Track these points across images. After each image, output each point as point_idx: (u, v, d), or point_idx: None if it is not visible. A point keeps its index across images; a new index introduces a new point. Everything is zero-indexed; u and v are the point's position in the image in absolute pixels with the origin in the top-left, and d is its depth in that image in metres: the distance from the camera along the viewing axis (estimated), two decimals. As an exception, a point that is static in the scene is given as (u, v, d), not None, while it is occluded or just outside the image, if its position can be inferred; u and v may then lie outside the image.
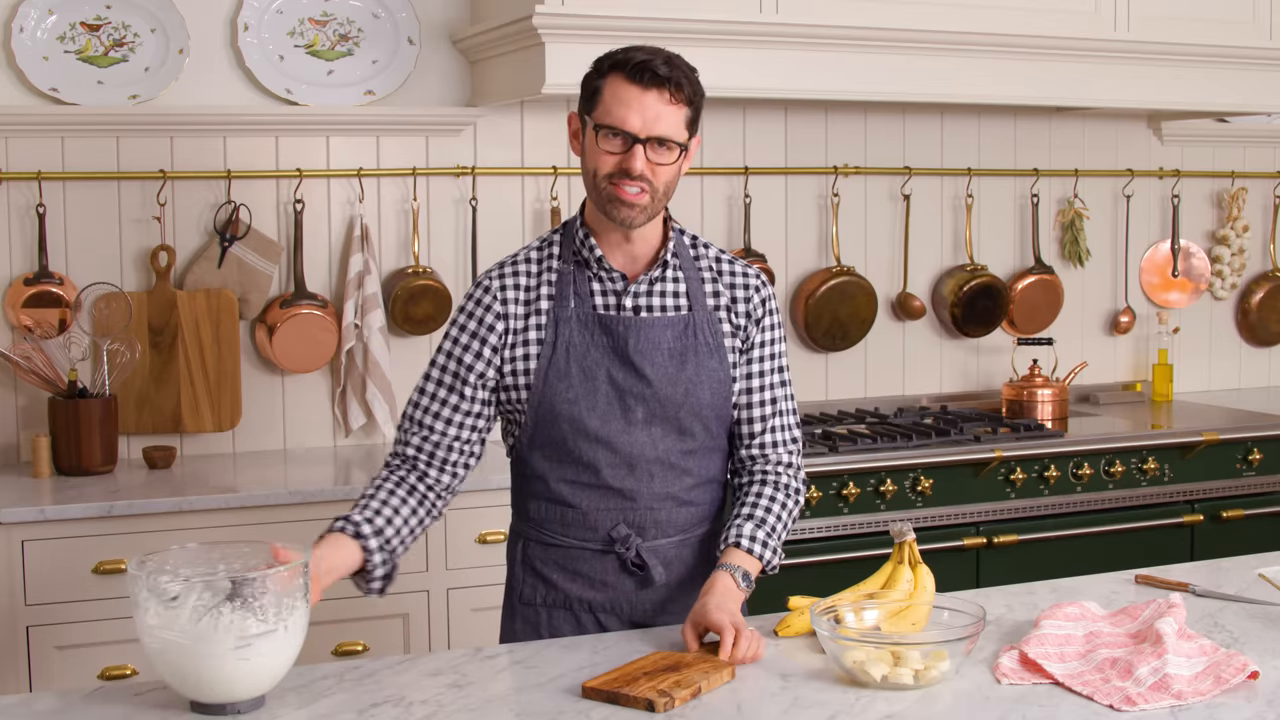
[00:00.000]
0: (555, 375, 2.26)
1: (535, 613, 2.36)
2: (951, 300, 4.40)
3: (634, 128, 2.19)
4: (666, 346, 2.28)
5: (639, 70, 2.19)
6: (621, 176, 2.20)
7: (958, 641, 1.94)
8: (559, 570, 2.34)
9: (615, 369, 2.27)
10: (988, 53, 3.84)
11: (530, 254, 2.36)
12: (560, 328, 2.28)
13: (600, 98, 2.23)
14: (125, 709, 1.86)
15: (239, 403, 3.70)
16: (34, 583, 3.10)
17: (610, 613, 2.34)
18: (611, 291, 2.30)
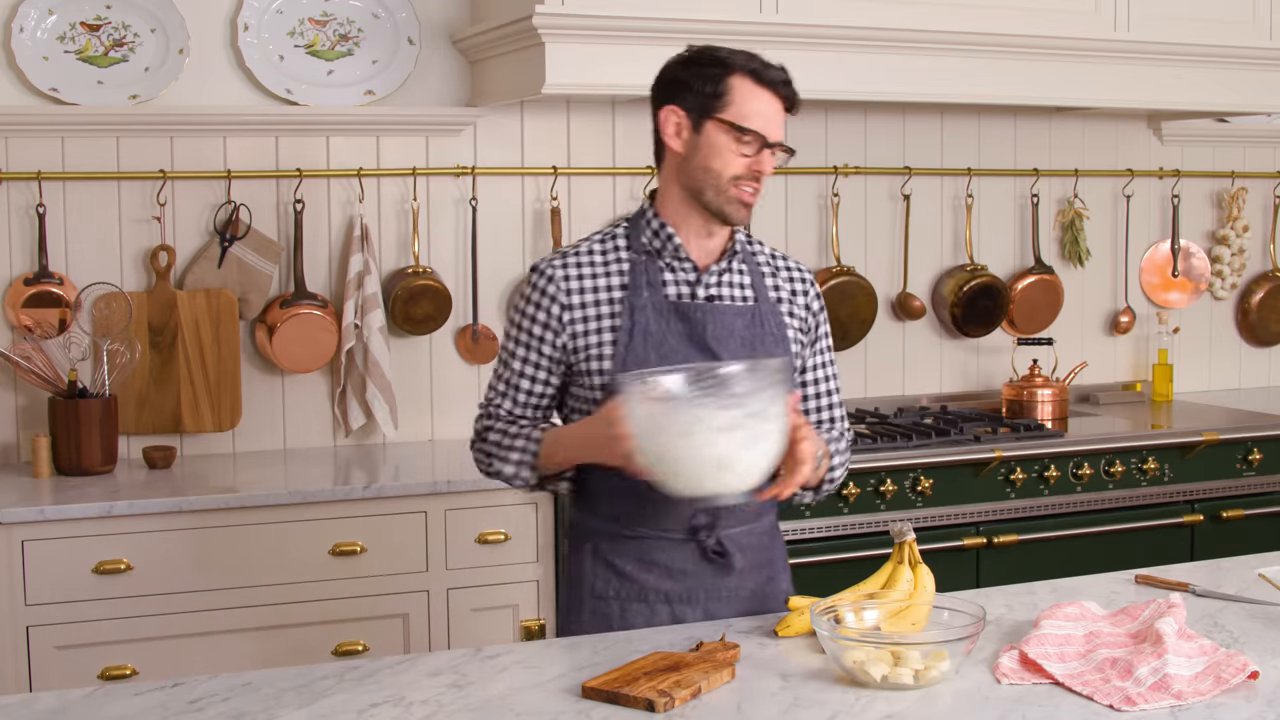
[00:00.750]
0: (634, 362, 2.30)
1: (608, 605, 2.38)
2: (951, 300, 4.40)
3: (770, 133, 2.29)
4: (739, 334, 2.36)
5: (770, 77, 2.29)
6: (750, 179, 2.30)
7: (958, 641, 1.94)
8: (635, 562, 2.37)
9: (692, 355, 2.32)
10: (988, 53, 3.84)
11: (593, 245, 2.39)
12: (636, 315, 2.32)
13: (730, 99, 2.28)
14: (125, 709, 1.86)
15: (239, 403, 3.70)
16: (34, 583, 3.10)
17: (685, 602, 2.36)
18: (684, 281, 2.37)
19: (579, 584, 2.42)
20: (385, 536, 3.33)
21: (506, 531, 3.43)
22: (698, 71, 2.30)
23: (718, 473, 2.05)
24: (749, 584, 2.40)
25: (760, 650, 2.09)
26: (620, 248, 2.38)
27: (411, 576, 3.36)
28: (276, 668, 2.03)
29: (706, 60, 2.31)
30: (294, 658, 3.21)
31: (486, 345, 3.95)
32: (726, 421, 2.03)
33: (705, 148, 2.30)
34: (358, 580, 3.32)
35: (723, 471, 2.05)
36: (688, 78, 2.31)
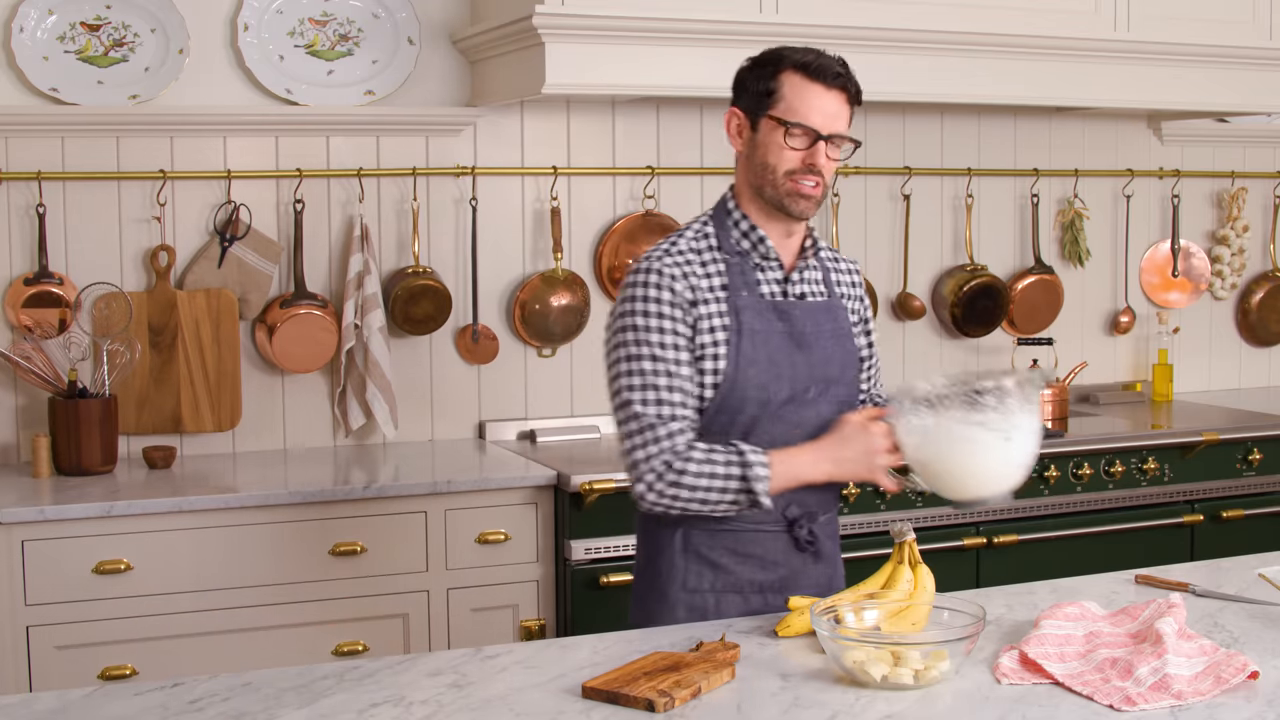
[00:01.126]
0: (746, 361, 2.34)
1: (703, 599, 2.41)
2: (951, 300, 4.40)
3: (817, 125, 2.31)
4: (826, 329, 2.43)
5: (821, 71, 2.31)
6: (805, 172, 2.32)
7: (958, 641, 1.93)
8: (729, 554, 2.40)
9: (794, 353, 2.38)
10: (988, 53, 3.84)
11: (689, 243, 2.40)
12: (742, 315, 2.36)
13: (780, 95, 2.32)
14: (125, 709, 1.86)
15: (239, 403, 3.70)
16: (34, 583, 3.10)
17: (779, 592, 2.40)
18: (774, 280, 2.41)
19: (668, 579, 2.43)
20: (385, 536, 3.33)
21: (506, 531, 3.43)
22: (754, 72, 2.37)
23: (992, 479, 2.22)
24: (828, 571, 2.46)
25: (760, 650, 2.09)
26: (713, 246, 2.40)
27: (411, 576, 3.36)
28: (276, 668, 2.03)
29: (763, 60, 2.36)
30: (294, 658, 3.21)
31: (486, 345, 3.95)
32: (1002, 432, 2.18)
33: (761, 145, 2.35)
34: (358, 580, 3.32)
35: (996, 478, 2.22)
36: (746, 79, 2.38)
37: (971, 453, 2.19)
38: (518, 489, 3.43)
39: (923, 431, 2.22)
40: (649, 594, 2.46)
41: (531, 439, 3.94)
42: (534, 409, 4.03)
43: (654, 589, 2.45)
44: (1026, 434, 2.22)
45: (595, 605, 3.39)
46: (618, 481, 3.37)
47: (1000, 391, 2.18)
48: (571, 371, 4.06)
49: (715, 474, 2.29)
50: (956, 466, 2.21)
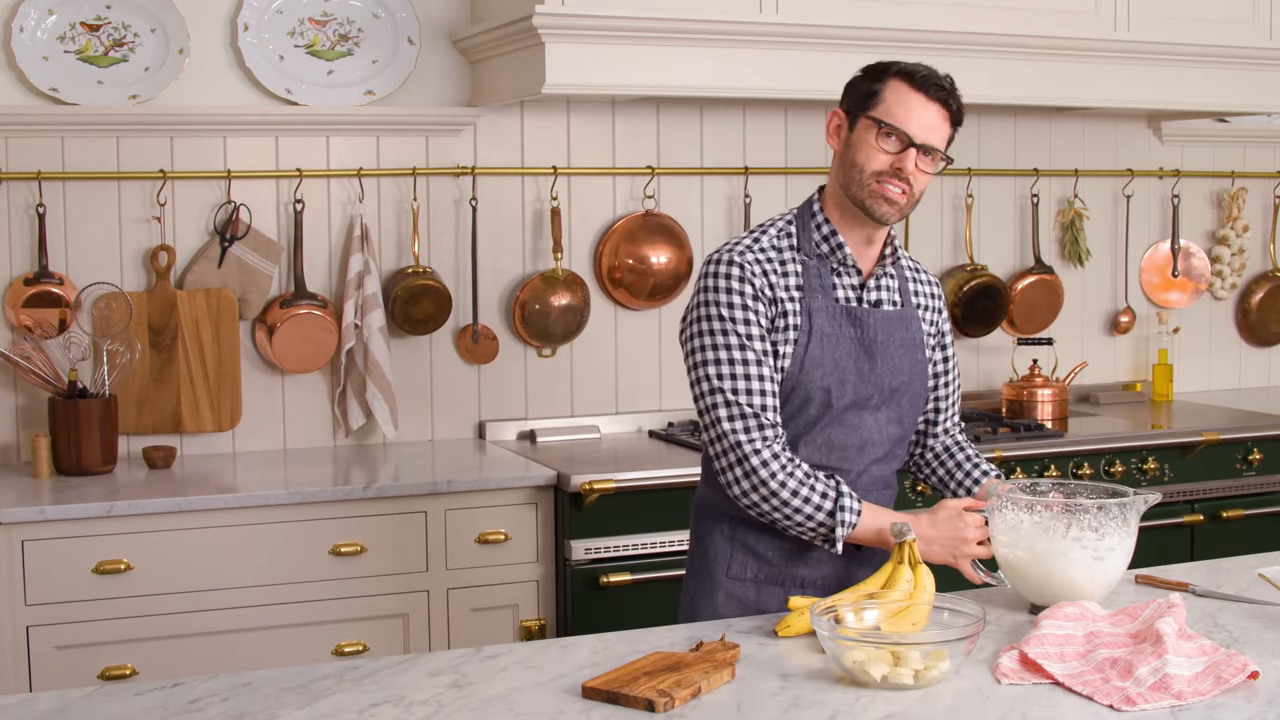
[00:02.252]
0: (811, 363, 2.37)
1: (745, 588, 2.45)
2: (951, 300, 4.40)
3: (914, 132, 2.33)
4: (898, 338, 2.44)
5: (925, 81, 2.33)
6: (892, 176, 2.33)
7: (958, 641, 1.94)
8: (774, 548, 2.44)
9: (861, 360, 2.40)
10: (988, 53, 3.83)
11: (771, 241, 2.42)
12: (814, 318, 2.38)
13: (881, 98, 2.34)
14: (125, 709, 1.86)
15: (239, 403, 3.70)
16: (34, 583, 3.10)
17: (820, 588, 2.43)
18: (850, 285, 2.43)
19: (713, 565, 2.48)
20: (385, 536, 3.33)
21: (506, 531, 3.43)
22: (864, 77, 2.39)
23: (1078, 593, 2.23)
24: (867, 574, 2.46)
25: (760, 650, 2.09)
26: (793, 246, 2.41)
27: (411, 576, 3.36)
28: (276, 668, 2.03)
29: (874, 67, 2.39)
30: (294, 658, 3.21)
31: (486, 345, 3.95)
32: (1095, 551, 2.22)
33: (855, 144, 2.37)
34: (358, 580, 3.32)
35: (1082, 593, 2.23)
36: (855, 82, 2.41)
37: (1063, 566, 2.22)
38: (518, 489, 3.43)
39: (1018, 535, 2.26)
40: (694, 578, 2.52)
41: (531, 439, 3.94)
42: (534, 409, 4.03)
43: (699, 573, 2.51)
44: (1120, 555, 2.25)
45: (595, 605, 3.39)
46: (617, 481, 3.37)
47: (1102, 512, 2.22)
48: (571, 371, 4.06)
49: (810, 499, 2.31)
50: (1046, 576, 2.24)
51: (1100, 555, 2.22)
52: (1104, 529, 2.22)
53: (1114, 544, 2.23)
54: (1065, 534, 2.22)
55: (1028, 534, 2.24)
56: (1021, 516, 2.26)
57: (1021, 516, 2.26)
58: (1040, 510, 2.24)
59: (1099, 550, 2.22)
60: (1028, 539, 2.24)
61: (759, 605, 2.45)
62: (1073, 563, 2.21)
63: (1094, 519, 2.22)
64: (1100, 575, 2.24)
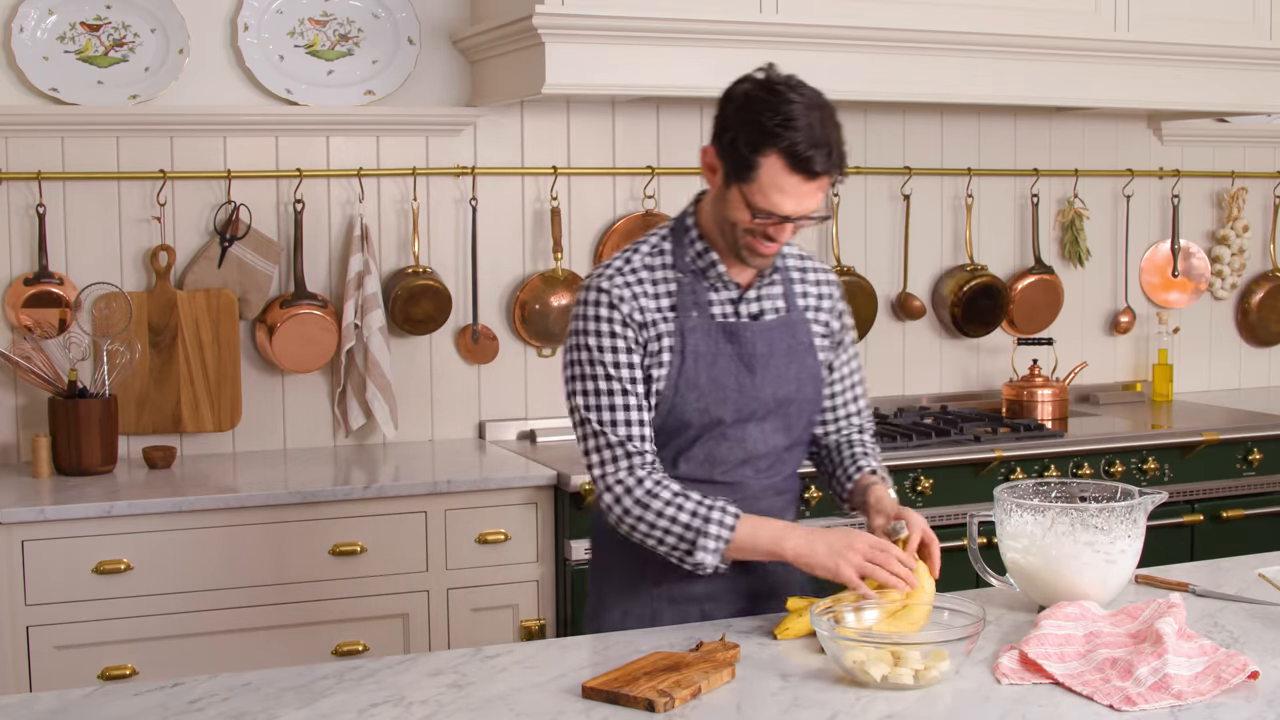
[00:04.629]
0: (686, 384, 2.31)
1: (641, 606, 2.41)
2: (951, 300, 4.40)
3: (788, 211, 2.23)
4: (779, 348, 2.38)
5: (804, 165, 2.19)
6: (763, 237, 2.27)
7: (958, 641, 1.94)
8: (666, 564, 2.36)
9: (742, 376, 2.34)
10: (988, 53, 3.83)
11: (643, 260, 2.35)
12: (688, 337, 2.32)
13: (756, 177, 2.21)
14: (125, 709, 1.86)
15: (239, 403, 3.70)
16: (34, 583, 3.10)
17: (716, 601, 2.40)
18: (728, 300, 2.37)
19: (609, 584, 2.44)
20: (385, 536, 3.33)
21: (506, 531, 3.43)
22: (743, 129, 2.22)
23: (1089, 595, 2.22)
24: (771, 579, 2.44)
25: (760, 650, 2.09)
26: (667, 265, 2.35)
27: (411, 576, 3.36)
28: (276, 668, 2.03)
29: (752, 120, 2.21)
30: (294, 658, 3.21)
31: (486, 345, 3.95)
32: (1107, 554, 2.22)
33: (728, 201, 2.26)
34: (358, 580, 3.32)
35: (1093, 595, 2.23)
36: (734, 129, 2.23)
37: (1075, 570, 2.22)
38: (518, 489, 3.43)
39: (1027, 540, 2.25)
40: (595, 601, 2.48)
41: (531, 439, 3.94)
42: (534, 409, 4.03)
43: (598, 596, 2.47)
44: (1130, 557, 2.25)
45: (595, 605, 3.39)
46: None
47: (1109, 513, 2.22)
48: (571, 371, 4.06)
49: (676, 519, 2.25)
50: (1058, 580, 2.23)
51: (1112, 558, 2.22)
52: (1114, 531, 2.22)
53: (1124, 546, 2.23)
54: (1076, 538, 2.21)
55: (1038, 539, 2.24)
56: (1028, 521, 2.25)
57: (1028, 521, 2.25)
58: (1049, 514, 2.24)
59: (1110, 553, 2.22)
60: (1039, 544, 2.23)
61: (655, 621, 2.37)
62: (1084, 566, 2.21)
63: (1103, 521, 2.21)
64: (1112, 577, 2.24)
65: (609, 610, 2.43)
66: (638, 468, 2.28)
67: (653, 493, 2.27)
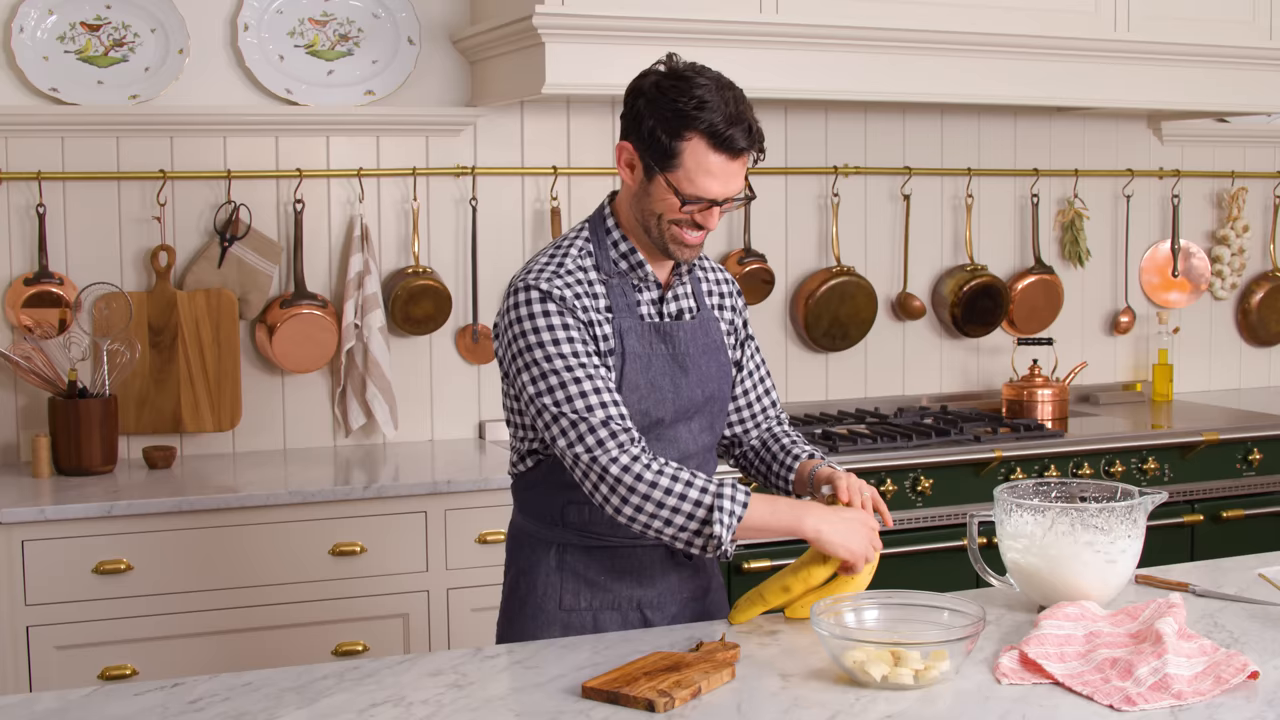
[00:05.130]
0: (628, 386, 2.28)
1: (581, 617, 2.35)
2: (951, 300, 4.40)
3: (716, 194, 2.22)
4: (702, 345, 2.37)
5: (727, 143, 2.19)
6: (689, 225, 2.25)
7: (958, 641, 1.94)
8: (606, 572, 2.35)
9: (677, 375, 2.33)
10: (988, 53, 3.84)
11: (575, 261, 2.31)
12: (625, 339, 2.29)
13: (682, 164, 2.19)
14: (125, 709, 1.86)
15: (239, 403, 3.70)
16: (34, 583, 3.10)
17: (657, 608, 2.37)
18: (651, 300, 2.35)
19: (543, 597, 2.36)
20: (385, 536, 3.33)
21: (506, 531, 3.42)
22: (659, 117, 2.19)
23: (1089, 595, 2.23)
24: (703, 582, 2.43)
25: (760, 650, 2.09)
26: (596, 266, 2.31)
27: (411, 576, 3.36)
28: (276, 668, 2.03)
29: (668, 107, 2.19)
30: (294, 658, 3.21)
31: (486, 345, 3.95)
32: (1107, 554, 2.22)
33: (651, 194, 2.24)
34: (358, 580, 3.32)
35: (1094, 595, 2.23)
36: (650, 119, 2.20)
37: (1076, 571, 2.22)
38: (518, 489, 3.43)
39: (1027, 540, 2.25)
40: (520, 613, 2.38)
41: (531, 439, 3.93)
42: (534, 409, 4.03)
43: (527, 607, 2.37)
44: (1130, 557, 2.26)
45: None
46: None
47: (1109, 513, 2.22)
48: (571, 371, 4.06)
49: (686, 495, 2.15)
50: (1058, 580, 2.24)
51: (1112, 558, 2.22)
52: (1114, 531, 2.22)
53: (1125, 546, 2.23)
54: (1077, 538, 2.21)
55: (1038, 539, 2.24)
56: (1028, 521, 2.25)
57: (1028, 521, 2.25)
58: (1049, 514, 2.24)
59: (1111, 553, 2.22)
60: (1039, 546, 2.24)
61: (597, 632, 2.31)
62: (1085, 566, 2.21)
63: (1103, 521, 2.21)
64: (1112, 577, 2.24)
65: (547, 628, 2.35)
66: (629, 445, 2.17)
67: (657, 469, 2.16)
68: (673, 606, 2.39)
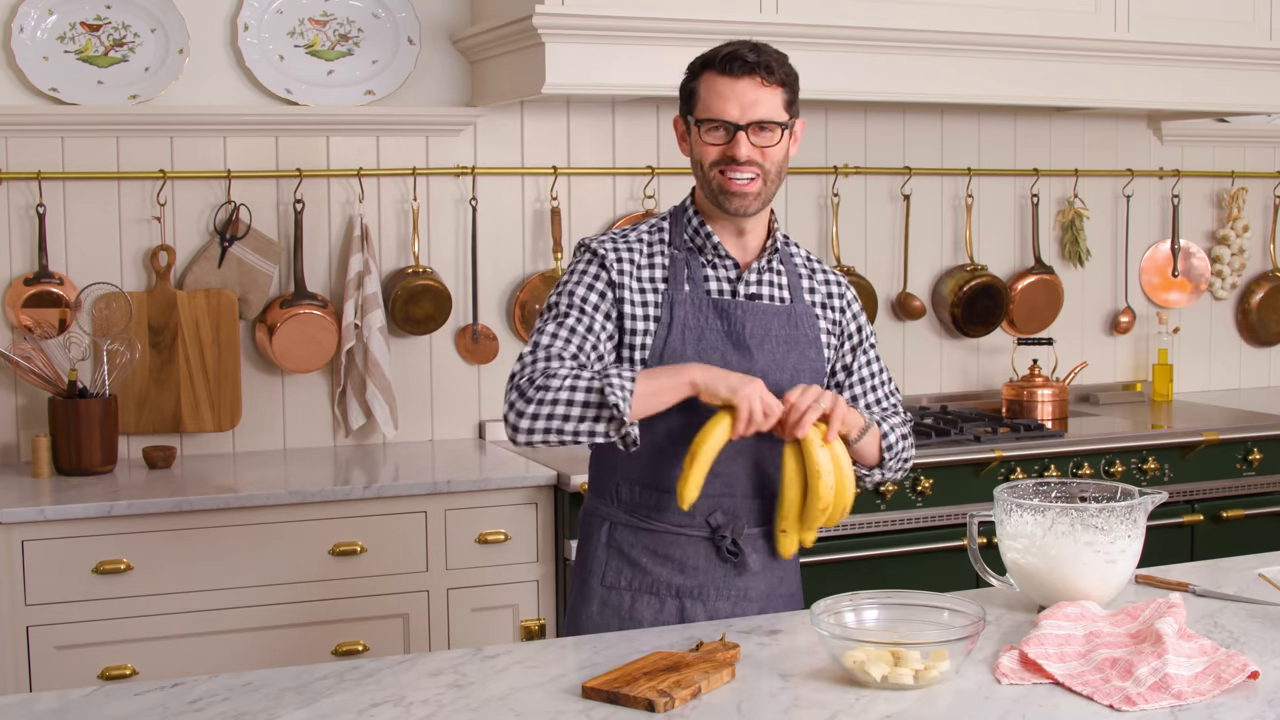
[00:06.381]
0: (671, 356, 2.31)
1: (619, 596, 2.39)
2: (951, 300, 4.40)
3: (733, 116, 2.29)
4: (775, 334, 2.37)
5: (728, 62, 2.29)
6: (729, 163, 2.30)
7: (958, 641, 1.94)
8: (649, 555, 2.37)
9: (729, 353, 2.34)
10: (988, 53, 3.84)
11: (641, 235, 2.40)
12: (675, 310, 2.33)
13: (698, 96, 2.33)
14: (125, 709, 1.86)
15: (239, 403, 3.70)
16: (34, 583, 3.10)
17: (696, 599, 2.37)
18: (725, 279, 2.38)
19: (590, 572, 2.42)
20: (385, 536, 3.33)
21: (506, 531, 3.43)
22: (686, 78, 2.38)
23: (1090, 595, 2.22)
24: (760, 585, 2.41)
25: (760, 650, 2.09)
26: (665, 241, 2.39)
27: (411, 576, 3.36)
28: (276, 668, 2.03)
29: (692, 66, 2.37)
30: (294, 658, 3.21)
31: (486, 345, 3.95)
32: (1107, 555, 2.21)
33: (694, 145, 2.36)
34: (358, 580, 3.32)
35: (1094, 595, 2.22)
36: (682, 85, 2.39)
37: (1076, 571, 2.22)
38: (518, 489, 3.43)
39: (1027, 540, 2.25)
40: (576, 588, 2.46)
41: (531, 439, 3.93)
42: (534, 409, 4.03)
43: (579, 583, 2.45)
44: (1130, 557, 2.25)
45: (595, 605, 3.39)
46: (618, 481, 3.37)
47: (1109, 513, 2.22)
48: (571, 371, 4.06)
49: (576, 387, 2.21)
50: (1058, 580, 2.23)
51: (1112, 558, 2.22)
52: (1114, 531, 2.22)
53: (1125, 546, 2.23)
54: (1077, 538, 2.21)
55: (1038, 539, 2.24)
56: (1028, 520, 2.25)
57: (1028, 520, 2.25)
58: (1049, 514, 2.24)
59: (1111, 553, 2.22)
60: (1039, 546, 2.23)
61: (633, 614, 2.37)
62: (1085, 566, 2.21)
63: (1103, 520, 2.21)
64: (1113, 577, 2.24)
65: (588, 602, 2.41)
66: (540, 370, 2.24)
67: (551, 372, 2.23)
68: (718, 601, 2.38)
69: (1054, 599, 2.23)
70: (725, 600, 2.39)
